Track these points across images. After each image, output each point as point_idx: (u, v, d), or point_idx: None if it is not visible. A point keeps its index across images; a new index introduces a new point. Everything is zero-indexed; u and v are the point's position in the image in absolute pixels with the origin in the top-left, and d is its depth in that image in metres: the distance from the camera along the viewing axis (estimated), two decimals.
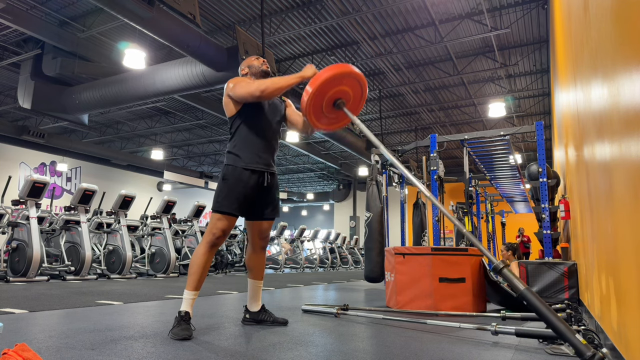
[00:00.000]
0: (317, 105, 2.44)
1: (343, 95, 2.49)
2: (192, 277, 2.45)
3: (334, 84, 2.40)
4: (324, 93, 2.40)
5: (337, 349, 2.12)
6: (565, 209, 4.54)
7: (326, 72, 2.37)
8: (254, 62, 2.76)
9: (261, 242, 2.75)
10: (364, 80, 2.51)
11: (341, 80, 2.42)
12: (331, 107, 2.50)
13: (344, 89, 2.47)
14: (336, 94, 2.46)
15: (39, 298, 3.89)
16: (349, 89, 2.49)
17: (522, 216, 14.35)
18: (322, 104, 2.45)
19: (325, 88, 2.39)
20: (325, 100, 2.45)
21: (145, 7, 6.28)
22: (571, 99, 3.59)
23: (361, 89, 2.53)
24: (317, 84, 2.35)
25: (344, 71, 2.40)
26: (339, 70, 2.38)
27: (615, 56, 1.43)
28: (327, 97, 2.44)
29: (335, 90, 2.44)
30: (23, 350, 1.46)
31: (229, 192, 2.52)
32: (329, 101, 2.47)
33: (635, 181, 1.23)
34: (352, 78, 2.46)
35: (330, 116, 2.56)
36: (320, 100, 2.43)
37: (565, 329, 1.67)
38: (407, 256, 3.88)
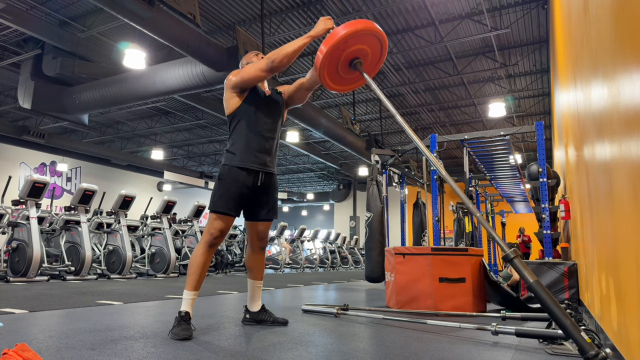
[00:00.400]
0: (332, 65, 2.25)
1: (361, 54, 2.27)
2: (192, 277, 2.45)
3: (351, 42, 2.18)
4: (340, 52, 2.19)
5: (337, 349, 2.12)
6: (566, 209, 4.54)
7: (344, 29, 2.13)
8: (254, 58, 2.73)
9: (260, 242, 2.74)
10: (385, 38, 2.28)
11: (360, 39, 2.19)
12: (347, 66, 2.29)
13: (362, 47, 2.24)
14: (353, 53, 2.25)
15: (39, 298, 3.89)
16: (367, 48, 2.27)
17: (522, 216, 14.35)
18: (338, 63, 2.25)
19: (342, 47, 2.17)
20: (341, 60, 2.24)
21: (145, 7, 6.28)
22: (571, 99, 3.59)
23: (381, 48, 2.32)
24: (332, 42, 2.13)
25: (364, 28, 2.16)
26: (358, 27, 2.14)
27: (615, 56, 1.43)
28: (344, 56, 2.23)
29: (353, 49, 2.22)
30: (23, 350, 1.46)
31: (224, 191, 2.52)
32: (345, 60, 2.26)
33: (635, 181, 1.23)
34: (372, 36, 2.23)
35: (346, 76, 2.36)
36: (335, 60, 2.23)
37: (571, 326, 1.67)
38: (407, 256, 3.88)
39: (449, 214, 9.90)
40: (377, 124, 14.83)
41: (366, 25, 2.17)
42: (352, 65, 2.29)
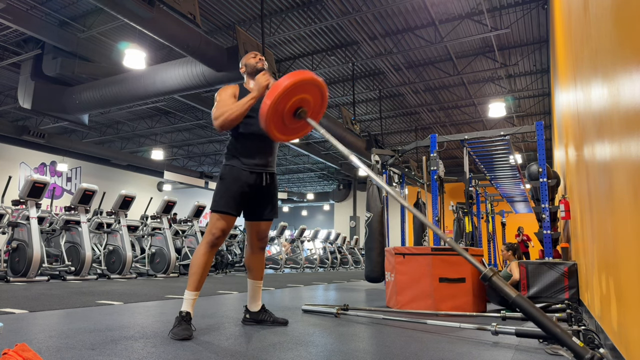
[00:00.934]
0: (278, 117, 2.29)
1: (303, 103, 2.34)
2: (193, 278, 2.45)
3: (292, 93, 2.25)
4: (284, 104, 2.25)
5: (337, 349, 2.12)
6: (566, 209, 4.54)
7: (284, 81, 2.20)
8: (250, 60, 2.73)
9: (259, 242, 2.74)
10: (324, 85, 2.38)
11: (300, 89, 2.27)
12: (292, 117, 2.35)
13: (304, 97, 2.32)
14: (297, 103, 2.31)
15: (39, 298, 3.89)
16: (309, 97, 2.35)
17: (522, 216, 14.35)
18: (283, 114, 2.30)
19: (285, 99, 2.23)
20: (285, 111, 2.29)
21: (145, 7, 6.28)
22: (571, 99, 3.59)
23: (321, 96, 2.41)
24: (275, 95, 2.18)
25: (302, 79, 2.24)
26: (296, 78, 2.22)
27: (615, 56, 1.43)
28: (287, 107, 2.29)
29: (295, 100, 2.29)
30: (23, 350, 1.46)
31: (226, 191, 2.53)
32: (289, 111, 2.32)
33: (635, 181, 1.23)
34: (311, 85, 2.32)
35: (292, 126, 2.42)
36: (280, 111, 2.27)
37: (561, 333, 1.68)
38: (407, 256, 3.88)
39: (449, 214, 9.90)
40: (377, 124, 14.82)
41: (304, 75, 2.25)
42: (297, 115, 2.35)
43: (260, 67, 2.70)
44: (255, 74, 2.70)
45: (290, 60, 10.58)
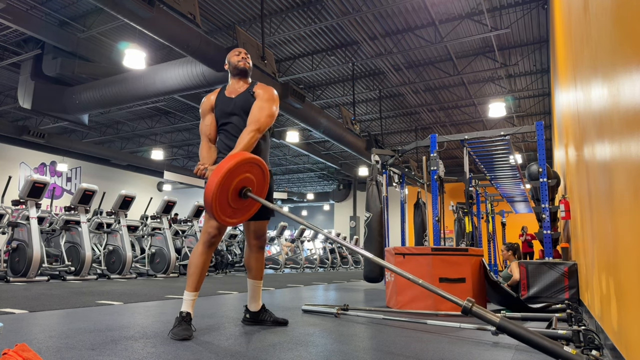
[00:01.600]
0: (223, 202, 2.28)
1: (246, 182, 2.35)
2: (192, 278, 2.45)
3: (233, 175, 2.25)
4: (226, 189, 2.25)
5: (337, 349, 2.12)
6: (566, 209, 4.54)
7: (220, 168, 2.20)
8: (233, 57, 2.71)
9: (257, 241, 2.74)
10: (262, 162, 2.39)
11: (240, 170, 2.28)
12: (237, 197, 2.35)
13: (245, 176, 2.33)
14: (239, 184, 2.31)
15: (39, 298, 3.89)
16: (250, 175, 2.36)
17: (522, 216, 14.35)
18: (228, 198, 2.30)
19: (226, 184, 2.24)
20: (229, 194, 2.30)
21: (145, 7, 6.28)
22: (571, 99, 3.59)
23: (262, 173, 2.43)
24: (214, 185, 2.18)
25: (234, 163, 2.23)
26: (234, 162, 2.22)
27: (615, 56, 1.43)
28: (231, 189, 2.29)
29: (237, 181, 2.29)
30: (23, 351, 1.46)
31: None
32: (234, 192, 2.32)
33: (635, 181, 1.23)
34: (250, 165, 2.33)
35: (239, 206, 2.41)
36: (224, 196, 2.27)
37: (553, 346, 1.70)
38: (407, 256, 3.88)
39: (449, 214, 9.90)
40: (377, 124, 14.82)
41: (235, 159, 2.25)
42: (243, 195, 2.36)
43: (241, 66, 2.67)
44: (237, 73, 2.70)
45: (290, 60, 10.58)
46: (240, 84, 2.71)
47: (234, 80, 2.72)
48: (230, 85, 2.73)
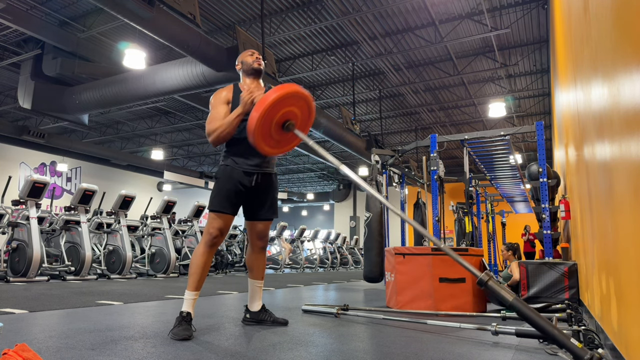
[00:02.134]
0: (266, 130, 2.29)
1: (291, 116, 2.35)
2: (192, 278, 2.45)
3: (280, 106, 2.26)
4: (271, 117, 2.26)
5: (337, 349, 2.12)
6: (566, 209, 4.54)
7: (270, 95, 2.20)
8: (247, 58, 2.71)
9: (260, 242, 2.75)
10: (310, 98, 2.38)
11: (286, 102, 2.28)
12: (280, 130, 2.36)
13: (291, 109, 2.33)
14: (284, 116, 2.32)
15: (39, 298, 3.89)
16: (296, 109, 2.36)
17: (522, 216, 14.35)
18: (270, 128, 2.30)
19: (272, 112, 2.24)
20: (273, 124, 2.30)
21: (145, 7, 6.28)
22: (571, 99, 3.59)
23: (308, 108, 2.41)
24: (262, 109, 2.18)
25: (288, 92, 2.24)
26: (282, 92, 2.22)
27: (615, 56, 1.43)
28: (275, 120, 2.30)
29: (283, 113, 2.30)
30: (23, 351, 1.46)
31: (220, 191, 2.56)
32: (278, 124, 2.33)
33: (635, 181, 1.23)
34: (298, 98, 2.33)
35: (280, 139, 2.42)
36: (267, 125, 2.27)
37: (559, 335, 1.68)
38: (407, 256, 3.88)
39: (449, 214, 9.89)
40: (377, 124, 14.82)
41: (290, 89, 2.25)
42: (285, 128, 2.36)
43: (256, 67, 2.67)
44: (252, 73, 2.68)
45: (290, 60, 10.58)
46: (256, 83, 2.71)
47: (249, 80, 2.71)
48: (243, 84, 2.72)
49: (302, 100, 2.36)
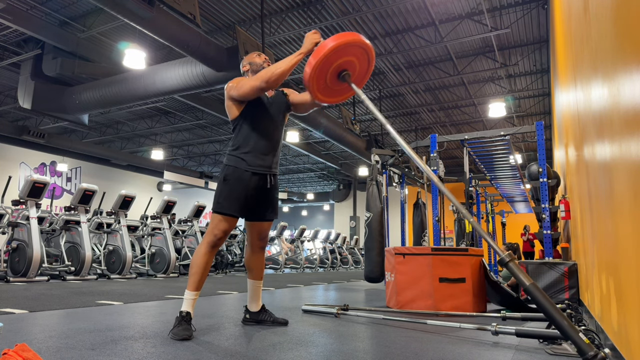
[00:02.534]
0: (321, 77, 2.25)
1: (349, 66, 2.28)
2: (193, 278, 2.45)
3: (339, 54, 2.19)
4: (328, 65, 2.20)
5: (337, 349, 2.12)
6: (566, 209, 4.54)
7: (331, 41, 2.14)
8: (256, 59, 2.71)
9: (260, 242, 2.74)
10: (372, 50, 2.29)
11: (347, 51, 2.20)
12: (335, 78, 2.30)
13: (350, 59, 2.26)
14: (341, 65, 2.26)
15: (39, 298, 3.89)
16: (355, 60, 2.28)
17: (522, 216, 14.35)
18: (327, 75, 2.26)
19: (330, 59, 2.18)
20: (329, 72, 2.25)
21: (145, 7, 6.28)
22: (571, 99, 3.59)
23: (368, 60, 2.33)
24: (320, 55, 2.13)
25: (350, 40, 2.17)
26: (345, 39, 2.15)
27: (615, 56, 1.43)
28: (332, 68, 2.24)
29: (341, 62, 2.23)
30: (23, 351, 1.46)
31: (229, 193, 2.50)
32: (334, 73, 2.27)
33: (635, 181, 1.23)
34: (359, 48, 2.24)
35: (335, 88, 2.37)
36: (324, 72, 2.23)
37: (568, 327, 1.67)
38: (407, 256, 3.88)
39: (449, 214, 9.90)
40: (377, 124, 14.82)
41: (353, 37, 2.18)
42: (341, 77, 2.30)
43: (267, 66, 2.67)
44: None
45: None
46: None
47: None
48: None
49: (362, 51, 2.28)
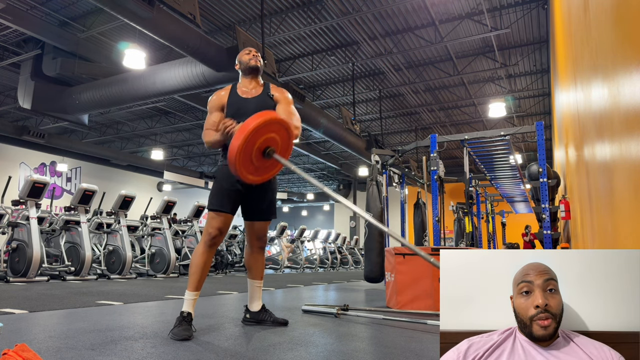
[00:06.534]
0: (246, 159, 2.30)
1: (271, 142, 2.36)
2: (193, 278, 2.45)
3: (259, 134, 2.27)
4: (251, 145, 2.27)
5: (337, 349, 2.12)
6: (566, 209, 4.55)
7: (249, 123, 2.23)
8: (244, 56, 2.70)
9: (258, 242, 2.75)
10: (287, 123, 2.40)
11: (266, 129, 2.29)
12: (261, 157, 2.36)
13: (271, 136, 2.34)
14: (264, 144, 2.33)
15: (39, 298, 3.89)
16: (276, 136, 2.37)
17: (522, 216, 14.35)
18: (251, 155, 2.32)
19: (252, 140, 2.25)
20: (254, 152, 2.32)
21: (146, 7, 6.28)
22: (571, 99, 3.59)
23: (288, 134, 2.42)
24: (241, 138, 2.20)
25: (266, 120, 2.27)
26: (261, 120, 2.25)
27: (615, 56, 1.43)
28: (255, 148, 2.31)
29: (262, 140, 2.31)
30: (23, 351, 1.46)
31: (219, 190, 2.57)
32: (258, 151, 2.34)
33: (635, 181, 1.23)
34: (276, 124, 2.34)
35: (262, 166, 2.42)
36: (248, 153, 2.29)
37: None
38: (408, 256, 3.88)
39: (449, 214, 9.89)
40: (377, 124, 14.82)
41: (267, 116, 2.28)
42: (266, 154, 2.36)
43: (252, 64, 2.66)
44: (249, 72, 2.69)
45: (290, 60, 10.58)
46: (254, 83, 2.70)
47: (247, 80, 2.71)
48: (242, 84, 2.71)
49: (280, 127, 2.37)
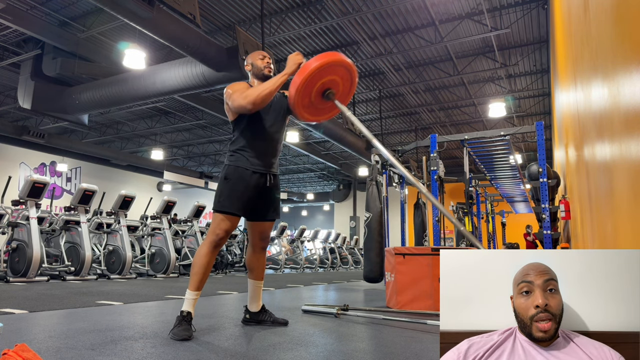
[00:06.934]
0: (306, 97, 2.29)
1: (332, 85, 2.33)
2: (195, 278, 2.45)
3: (322, 74, 2.24)
4: (312, 84, 2.25)
5: (337, 349, 2.12)
6: (566, 209, 4.55)
7: (314, 62, 2.19)
8: (258, 61, 2.66)
9: (261, 242, 2.74)
10: (354, 68, 2.36)
11: (330, 70, 2.26)
12: (320, 97, 2.35)
13: (333, 78, 2.31)
14: (325, 84, 2.31)
15: (39, 298, 3.89)
16: (338, 78, 2.33)
17: (522, 216, 14.35)
18: (311, 95, 2.30)
19: (314, 79, 2.24)
20: (313, 92, 2.30)
21: (145, 7, 6.28)
22: (571, 99, 3.59)
23: (351, 78, 2.38)
24: (304, 75, 2.19)
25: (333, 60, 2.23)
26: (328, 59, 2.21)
27: (615, 56, 1.43)
28: (316, 88, 2.29)
29: (324, 81, 2.29)
30: (23, 351, 1.46)
31: (230, 192, 2.50)
32: (318, 92, 2.32)
33: (635, 181, 1.23)
34: (341, 67, 2.31)
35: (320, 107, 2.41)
36: (308, 92, 2.27)
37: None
38: (407, 256, 3.88)
39: (449, 214, 9.87)
40: (377, 124, 14.82)
41: (335, 57, 2.25)
42: (325, 96, 2.34)
43: (267, 73, 2.62)
44: (261, 78, 2.64)
45: None
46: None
47: (258, 83, 2.65)
48: (256, 84, 2.66)
49: (345, 70, 2.33)
